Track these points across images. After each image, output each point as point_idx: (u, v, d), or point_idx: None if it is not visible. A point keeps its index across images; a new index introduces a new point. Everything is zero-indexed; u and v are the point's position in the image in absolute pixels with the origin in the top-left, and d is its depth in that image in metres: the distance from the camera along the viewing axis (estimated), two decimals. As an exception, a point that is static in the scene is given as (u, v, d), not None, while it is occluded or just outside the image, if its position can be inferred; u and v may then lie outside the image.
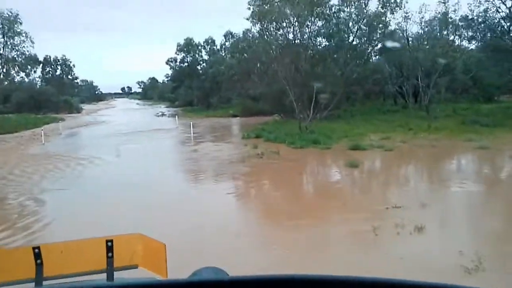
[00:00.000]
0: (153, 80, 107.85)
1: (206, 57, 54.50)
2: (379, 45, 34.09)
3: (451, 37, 38.11)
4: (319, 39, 30.71)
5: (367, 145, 18.97)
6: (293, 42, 30.93)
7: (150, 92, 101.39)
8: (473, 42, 38.38)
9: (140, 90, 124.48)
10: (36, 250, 1.69)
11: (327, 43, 31.16)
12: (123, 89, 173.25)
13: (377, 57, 36.91)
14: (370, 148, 18.47)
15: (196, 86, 50.44)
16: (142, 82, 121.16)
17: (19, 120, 39.21)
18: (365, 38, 31.36)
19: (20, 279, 0.83)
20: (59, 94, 62.71)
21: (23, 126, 34.90)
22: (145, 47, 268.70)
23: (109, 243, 1.77)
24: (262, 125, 28.86)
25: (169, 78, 67.28)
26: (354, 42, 31.91)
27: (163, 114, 47.85)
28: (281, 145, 20.31)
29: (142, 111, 61.92)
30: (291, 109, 31.98)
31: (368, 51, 32.85)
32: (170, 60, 56.41)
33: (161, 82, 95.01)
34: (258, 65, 32.63)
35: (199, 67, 53.14)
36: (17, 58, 39.08)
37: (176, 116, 35.17)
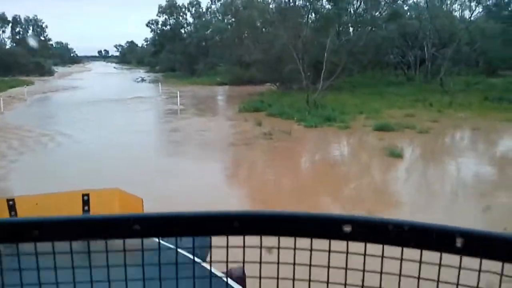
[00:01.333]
0: (131, 44, 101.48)
1: (190, 20, 49.64)
2: (386, 12, 30.34)
3: (455, 5, 34.96)
4: (323, 1, 26.74)
5: (394, 124, 15.48)
6: (294, 3, 26.97)
7: (128, 56, 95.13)
8: (478, 11, 35.22)
9: (117, 54, 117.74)
10: (11, 202, 1.78)
11: (332, 6, 27.23)
12: (100, 52, 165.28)
13: (383, 25, 33.15)
14: (399, 129, 15.01)
15: (179, 50, 45.71)
16: (120, 45, 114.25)
17: (-20, 83, 34.32)
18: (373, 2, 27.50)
19: None
20: (31, 56, 57.14)
21: (-17, 90, 30.16)
22: (124, 8, 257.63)
23: (85, 197, 1.83)
24: (258, 95, 25.05)
25: (149, 42, 62.24)
26: (362, 7, 28.13)
27: (143, 80, 43.24)
28: (288, 122, 16.70)
29: (120, 75, 56.83)
30: (289, 78, 28.26)
31: (376, 16, 29.03)
32: (151, 22, 51.30)
33: (140, 46, 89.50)
34: (253, 29, 28.54)
35: (182, 31, 48.28)
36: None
37: (159, 83, 30.80)
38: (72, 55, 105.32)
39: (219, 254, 0.68)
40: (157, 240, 0.66)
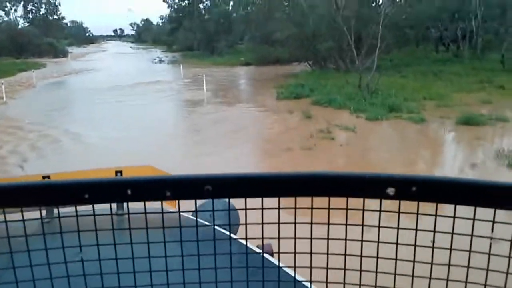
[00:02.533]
0: (147, 22, 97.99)
1: (210, -7, 45.90)
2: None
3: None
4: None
5: (478, 115, 12.09)
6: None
7: (144, 34, 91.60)
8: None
9: (133, 32, 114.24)
10: (46, 179, 1.63)
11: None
12: (115, 31, 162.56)
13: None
14: (489, 123, 11.62)
15: (198, 27, 42.22)
16: (135, 24, 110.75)
17: (-13, 66, 31.40)
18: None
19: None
20: (44, 36, 54.08)
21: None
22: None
23: (119, 174, 1.74)
24: (293, 78, 21.66)
25: (165, 19, 58.74)
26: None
27: (161, 61, 39.93)
28: (343, 114, 13.43)
29: (136, 56, 53.52)
30: (324, 57, 24.78)
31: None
32: (167, -3, 47.80)
33: (156, 24, 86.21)
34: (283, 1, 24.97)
35: (201, 6, 44.63)
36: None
37: (181, 65, 27.40)
38: (87, 34, 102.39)
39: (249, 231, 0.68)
40: (190, 216, 0.70)
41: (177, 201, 0.66)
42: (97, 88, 20.85)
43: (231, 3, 38.28)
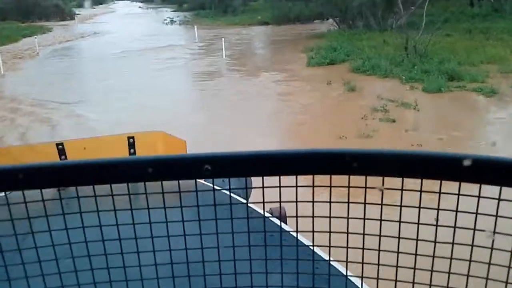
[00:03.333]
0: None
1: None
2: None
3: None
4: None
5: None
6: None
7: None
8: None
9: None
10: (60, 146, 1.72)
11: None
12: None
13: None
14: None
15: (210, -16, 39.07)
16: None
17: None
18: None
19: None
20: (51, -2, 51.16)
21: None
22: None
23: (131, 140, 1.78)
24: (320, 38, 19.07)
25: (174, -24, 55.06)
26: None
27: (172, 21, 37.07)
28: (391, 83, 11.16)
29: (146, 16, 50.36)
30: (353, 14, 22.01)
31: None
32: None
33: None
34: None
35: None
36: None
37: (195, 27, 24.62)
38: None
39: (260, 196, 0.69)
40: (203, 181, 0.66)
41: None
42: (104, 57, 18.59)
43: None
